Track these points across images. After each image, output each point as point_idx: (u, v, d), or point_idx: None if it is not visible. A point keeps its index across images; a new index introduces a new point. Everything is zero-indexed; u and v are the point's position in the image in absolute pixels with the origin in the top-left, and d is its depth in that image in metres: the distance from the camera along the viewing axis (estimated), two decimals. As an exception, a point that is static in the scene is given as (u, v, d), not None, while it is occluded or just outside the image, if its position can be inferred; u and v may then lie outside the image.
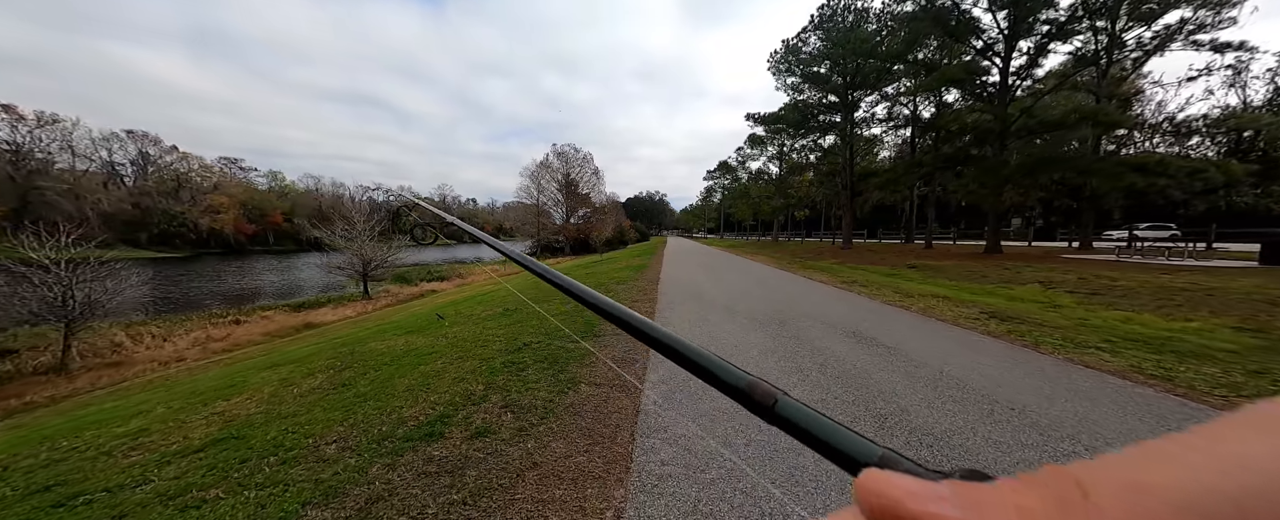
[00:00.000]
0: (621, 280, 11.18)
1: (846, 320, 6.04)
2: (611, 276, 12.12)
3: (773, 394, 0.33)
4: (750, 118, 27.92)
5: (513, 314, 7.08)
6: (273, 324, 13.47)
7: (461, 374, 3.88)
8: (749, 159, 44.65)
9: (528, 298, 9.41)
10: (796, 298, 8.20)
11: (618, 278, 11.75)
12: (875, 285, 10.18)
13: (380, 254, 19.65)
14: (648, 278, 11.50)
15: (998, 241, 17.30)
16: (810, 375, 3.74)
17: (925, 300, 7.85)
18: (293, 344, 9.32)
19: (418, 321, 8.03)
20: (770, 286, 9.88)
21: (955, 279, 12.24)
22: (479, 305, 9.22)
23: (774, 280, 11.22)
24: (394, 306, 16.42)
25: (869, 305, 7.36)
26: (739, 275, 12.30)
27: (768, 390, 0.33)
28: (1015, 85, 16.51)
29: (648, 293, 8.64)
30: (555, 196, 54.74)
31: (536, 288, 12.19)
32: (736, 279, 11.24)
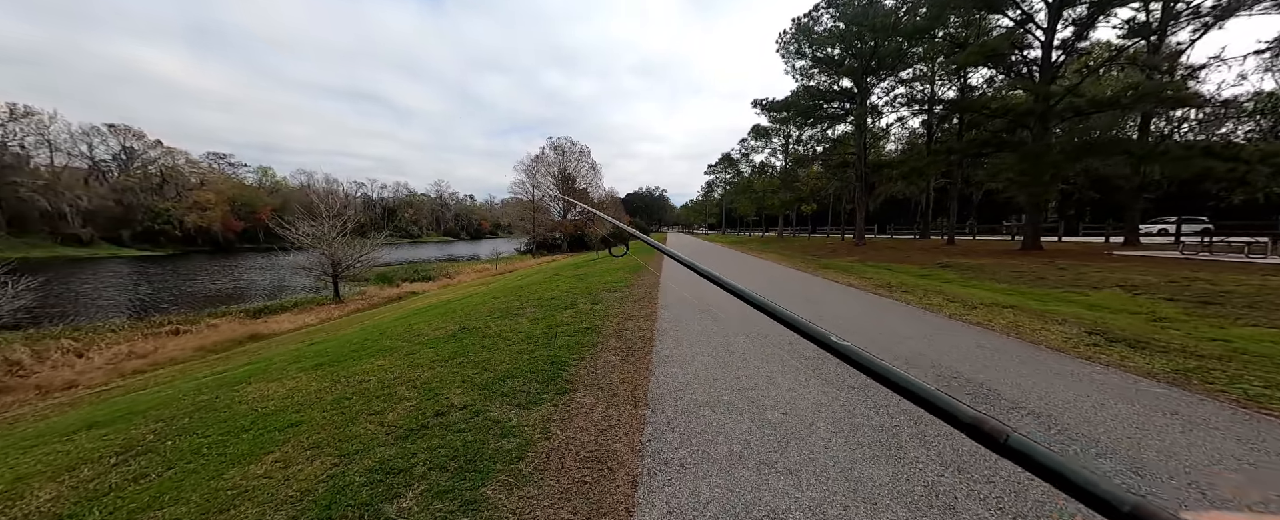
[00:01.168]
0: (616, 284, 9.42)
1: (923, 348, 4.28)
2: (604, 280, 10.36)
3: (1003, 430, 0.35)
4: (757, 104, 26.08)
5: (465, 337, 5.31)
6: (216, 334, 11.73)
7: (283, 490, 2.10)
8: (753, 151, 42.75)
9: (504, 306, 7.68)
10: (832, 308, 6.44)
11: (611, 281, 9.99)
12: (919, 290, 8.41)
13: (352, 253, 17.86)
14: (645, 282, 9.73)
15: (1037, 237, 15.50)
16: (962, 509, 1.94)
17: (996, 313, 6.10)
18: (183, 372, 7.54)
19: (360, 340, 6.28)
20: (792, 292, 8.13)
21: (1008, 282, 10.46)
22: (437, 319, 7.47)
23: (794, 284, 9.46)
24: (361, 312, 14.68)
25: (931, 321, 5.59)
26: (752, 277, 10.54)
27: (996, 427, 0.36)
28: (1060, 61, 14.65)
29: (645, 304, 6.87)
30: (551, 192, 52.88)
31: (517, 294, 10.45)
32: (751, 282, 9.48)
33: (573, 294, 8.32)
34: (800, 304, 6.98)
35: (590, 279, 11.23)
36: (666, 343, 4.56)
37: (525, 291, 10.01)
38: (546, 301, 7.68)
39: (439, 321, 7.05)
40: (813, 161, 31.00)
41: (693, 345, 4.46)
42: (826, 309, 6.55)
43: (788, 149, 39.55)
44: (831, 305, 6.89)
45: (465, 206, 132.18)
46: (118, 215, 53.26)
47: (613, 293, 8.15)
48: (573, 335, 4.91)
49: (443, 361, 4.27)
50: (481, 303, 8.95)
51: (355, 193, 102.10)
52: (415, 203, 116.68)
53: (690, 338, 4.76)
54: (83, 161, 55.35)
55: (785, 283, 9.67)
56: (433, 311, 9.05)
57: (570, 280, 11.45)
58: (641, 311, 6.23)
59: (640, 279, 10.37)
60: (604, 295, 7.84)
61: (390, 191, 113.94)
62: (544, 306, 7.13)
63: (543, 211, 51.78)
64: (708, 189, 75.07)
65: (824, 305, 6.89)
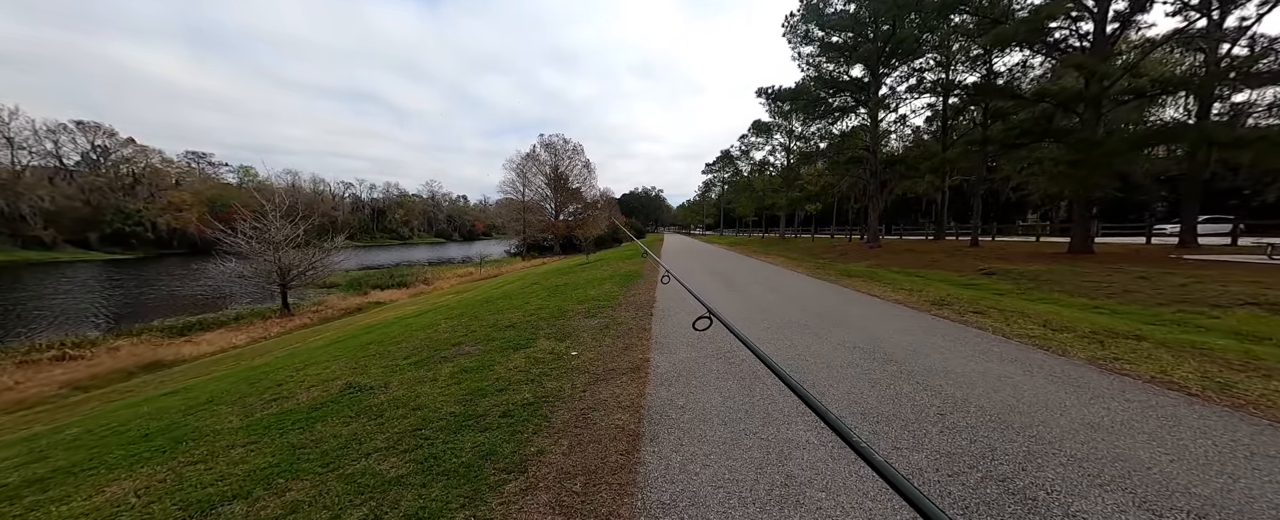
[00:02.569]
0: (598, 303, 7.33)
1: (1136, 449, 2.19)
2: (584, 295, 8.25)
3: None
4: (762, 94, 24.09)
5: (326, 415, 3.18)
6: (111, 362, 9.52)
7: None
8: (753, 148, 40.75)
9: (441, 339, 5.57)
10: (898, 340, 4.38)
11: (593, 298, 7.88)
12: (992, 311, 6.37)
13: (304, 260, 15.65)
14: (637, 298, 7.63)
15: (1088, 238, 13.53)
16: None
17: (1132, 350, 4.11)
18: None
19: (182, 407, 4.17)
20: (825, 312, 6.04)
21: (1086, 295, 8.45)
22: (342, 359, 5.34)
23: (824, 300, 7.38)
24: (300, 331, 12.49)
25: (1057, 370, 3.52)
26: (770, 292, 8.45)
27: None
28: (1114, 34, 12.69)
29: (633, 342, 4.78)
30: (543, 191, 50.69)
31: (473, 315, 8.34)
32: (774, 301, 7.37)
33: (539, 318, 6.21)
34: (846, 332, 4.93)
35: (570, 292, 9.12)
36: (663, 449, 2.46)
37: (486, 310, 7.89)
38: (500, 332, 5.56)
39: (338, 365, 4.93)
40: (818, 158, 29.02)
41: (713, 454, 2.36)
42: (892, 342, 4.49)
43: (790, 146, 37.57)
44: (891, 334, 4.83)
45: (458, 207, 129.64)
46: (85, 217, 50.59)
47: (591, 318, 6.04)
48: (502, 420, 2.81)
49: (318, 430, 2.16)
50: (422, 328, 6.82)
51: (343, 193, 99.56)
52: (406, 203, 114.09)
53: (707, 427, 2.66)
54: (49, 160, 52.65)
55: (812, 298, 7.60)
56: (352, 342, 6.90)
57: (546, 294, 9.34)
58: (626, 360, 4.11)
59: (631, 292, 8.28)
60: (578, 323, 5.73)
61: (380, 192, 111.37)
62: (492, 342, 5.03)
63: (534, 212, 49.57)
64: (705, 189, 73.06)
65: (879, 334, 4.83)
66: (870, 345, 4.53)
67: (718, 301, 7.41)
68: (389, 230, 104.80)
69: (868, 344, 4.58)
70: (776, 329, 5.33)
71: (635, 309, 6.62)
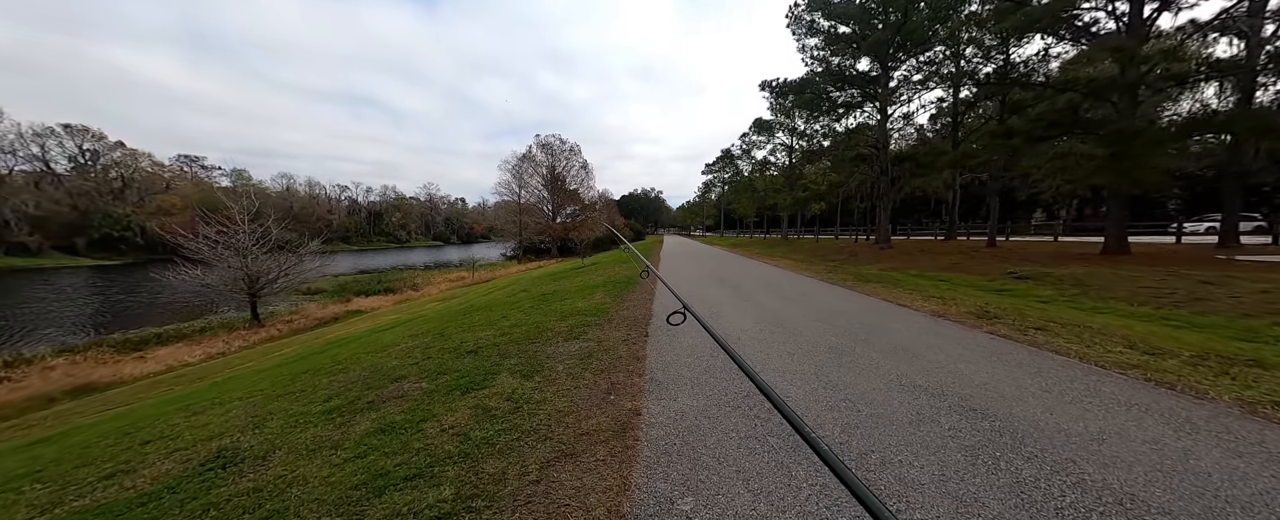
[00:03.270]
0: (590, 316, 6.26)
1: None
2: (571, 309, 7.16)
3: None
4: (766, 86, 22.99)
5: None
6: (40, 383, 8.43)
7: None
8: (755, 146, 39.65)
9: (388, 367, 4.46)
10: (958, 382, 3.26)
11: (581, 312, 6.80)
12: (1055, 327, 5.30)
13: (276, 267, 14.56)
14: (633, 311, 6.55)
15: (1123, 237, 12.45)
16: None
17: (1267, 380, 3.01)
18: None
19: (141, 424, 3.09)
20: (849, 325, 4.93)
21: (1146, 303, 7.36)
22: (241, 402, 4.25)
23: (849, 313, 6.25)
24: (269, 344, 11.39)
25: (1211, 422, 2.41)
26: (786, 302, 7.34)
27: None
28: (1154, 16, 11.63)
29: (622, 380, 3.68)
30: (539, 193, 49.64)
31: (440, 332, 7.24)
32: (793, 315, 6.25)
33: (510, 340, 5.11)
34: (895, 361, 3.86)
35: (556, 303, 8.02)
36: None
37: (456, 326, 6.81)
38: (458, 360, 4.47)
39: (239, 410, 3.83)
40: (823, 156, 27.94)
41: None
42: (959, 376, 3.39)
43: (793, 145, 36.52)
44: (951, 362, 3.73)
45: (456, 210, 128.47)
46: (72, 221, 49.54)
47: (573, 340, 4.94)
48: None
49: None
50: (375, 350, 5.72)
51: (339, 196, 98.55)
52: (403, 206, 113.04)
53: None
54: (36, 164, 51.63)
55: (835, 310, 6.50)
56: (287, 370, 5.78)
57: (530, 305, 8.25)
58: (608, 414, 3.00)
59: (625, 304, 7.18)
60: (556, 348, 4.63)
61: (377, 195, 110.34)
62: (442, 377, 3.93)
63: (530, 214, 48.51)
64: (705, 189, 71.95)
65: (936, 362, 3.73)
66: (934, 383, 3.42)
67: (727, 316, 6.31)
68: (386, 233, 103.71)
69: (930, 381, 3.47)
70: (804, 354, 4.22)
71: (628, 327, 5.52)
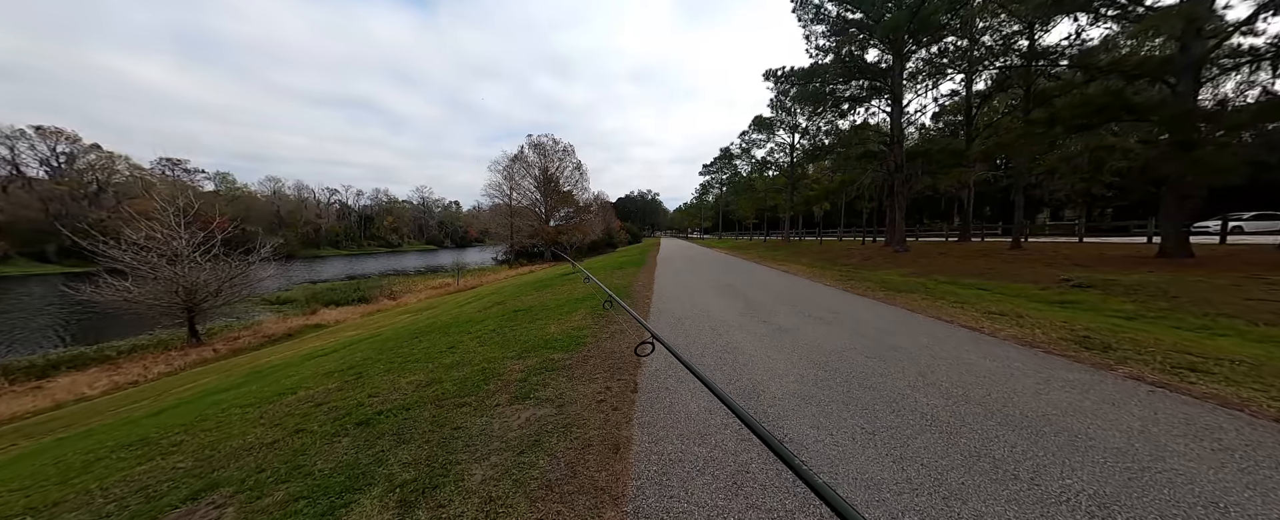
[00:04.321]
0: (560, 350, 4.64)
1: None
2: (548, 333, 5.51)
3: None
4: (770, 76, 21.44)
5: None
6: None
7: None
8: (755, 145, 38.16)
9: (293, 415, 2.81)
10: (1169, 489, 1.61)
11: (557, 341, 5.16)
12: (1207, 365, 3.69)
13: (215, 278, 12.84)
14: (616, 342, 4.89)
15: (1186, 239, 10.92)
16: None
17: None
18: None
19: None
20: (932, 374, 3.25)
21: (1267, 320, 5.77)
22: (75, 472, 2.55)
23: (898, 337, 4.50)
24: (198, 368, 9.65)
25: None
26: (812, 322, 5.68)
27: None
28: (1220, -16, 10.13)
29: (598, 474, 2.00)
30: (532, 195, 47.95)
31: (407, 347, 5.53)
32: (828, 339, 4.58)
33: (429, 401, 3.45)
34: (1018, 437, 2.27)
35: (523, 326, 6.36)
36: None
37: (387, 360, 5.16)
38: (333, 445, 2.82)
39: None
40: (827, 154, 26.43)
41: None
42: (1151, 477, 1.79)
43: (795, 143, 35.04)
44: (1126, 441, 2.11)
45: (451, 213, 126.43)
46: (44, 227, 47.44)
47: (525, 403, 3.28)
48: None
49: None
50: (255, 403, 4.05)
51: (328, 200, 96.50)
52: (395, 210, 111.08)
53: None
54: (6, 168, 49.55)
55: (883, 332, 4.89)
56: (140, 427, 4.10)
57: (491, 329, 6.59)
58: None
59: (608, 330, 5.53)
60: (494, 422, 2.97)
61: (369, 199, 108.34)
62: (279, 490, 2.29)
63: (522, 217, 46.79)
64: (702, 191, 70.42)
65: (1099, 441, 2.12)
66: (1128, 495, 1.79)
67: (747, 350, 4.67)
68: (377, 238, 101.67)
69: (1114, 487, 1.84)
70: (895, 435, 2.57)
71: (609, 373, 3.86)
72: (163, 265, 11.90)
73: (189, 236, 12.80)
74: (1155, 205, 31.01)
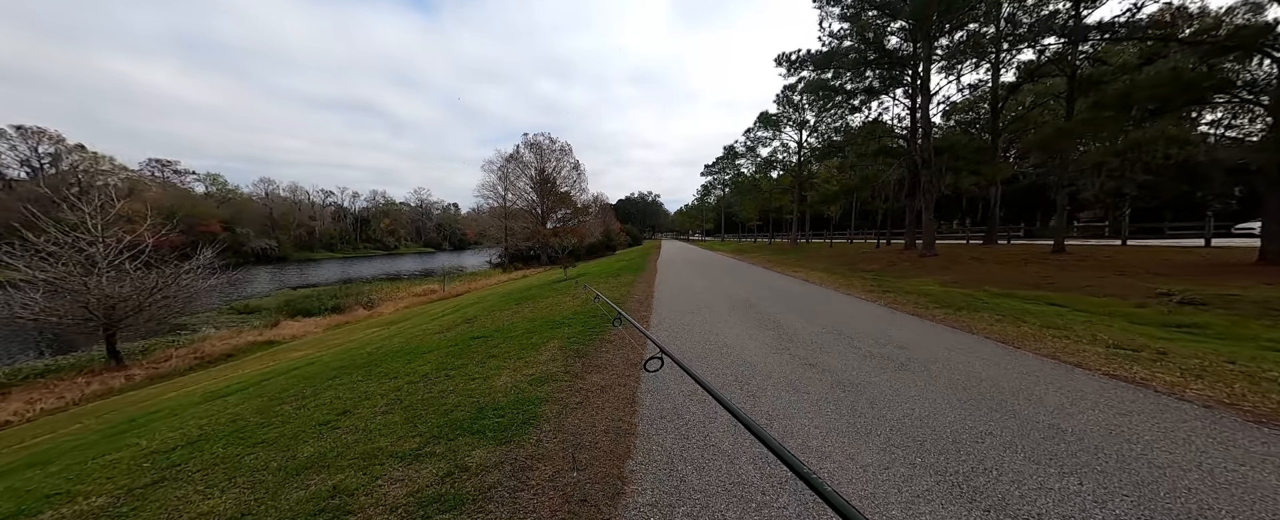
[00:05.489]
0: (506, 415, 2.77)
1: None
2: (490, 393, 3.68)
3: None
4: (783, 61, 19.61)
5: None
6: None
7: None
8: (760, 143, 36.34)
9: None
10: None
11: (502, 407, 3.31)
12: None
13: (136, 293, 11.06)
14: (595, 414, 3.06)
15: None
16: None
17: None
18: None
19: None
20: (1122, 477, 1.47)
21: None
22: None
23: (1017, 393, 2.69)
24: (99, 402, 7.82)
25: None
26: (875, 368, 3.83)
27: None
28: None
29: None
30: (527, 196, 46.17)
31: (347, 376, 3.72)
32: (950, 421, 2.75)
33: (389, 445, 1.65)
34: None
35: (477, 366, 4.53)
36: None
37: (273, 420, 3.35)
38: None
39: None
40: (841, 150, 24.62)
41: None
42: None
43: (802, 141, 33.23)
44: None
45: (449, 215, 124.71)
46: (22, 230, 45.73)
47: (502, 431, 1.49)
48: None
49: None
50: (126, 466, 2.25)
51: (323, 202, 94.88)
52: (392, 212, 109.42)
53: None
54: (-15, 169, 47.94)
55: (988, 387, 3.08)
56: None
57: (432, 366, 4.77)
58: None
59: (588, 377, 3.72)
60: None
61: (366, 201, 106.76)
62: None
63: (517, 219, 45.02)
64: (704, 192, 68.55)
65: None
66: None
67: (802, 417, 2.84)
68: (373, 240, 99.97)
69: None
70: None
71: (564, 503, 2.05)
72: (74, 275, 10.13)
73: (112, 241, 11.02)
74: (1184, 205, 29.00)
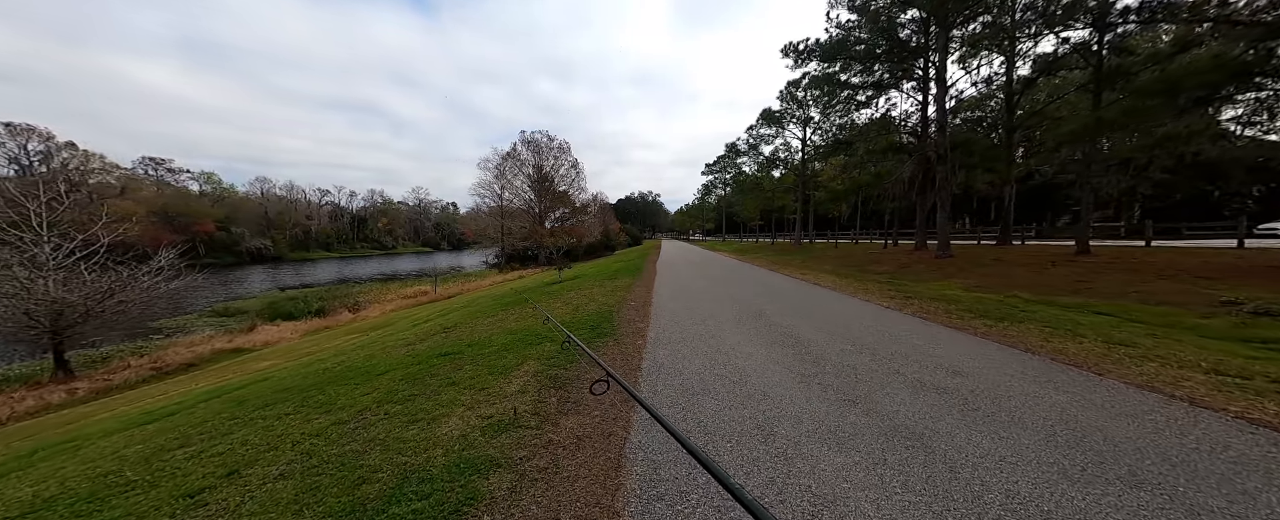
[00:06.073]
0: (439, 489, 1.85)
1: None
2: (429, 442, 2.76)
3: None
4: (789, 51, 18.64)
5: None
6: None
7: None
8: (763, 141, 35.41)
9: None
10: None
11: (428, 468, 2.39)
12: None
13: (88, 296, 10.15)
14: (566, 493, 2.16)
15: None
16: None
17: None
18: None
19: None
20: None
21: None
22: None
23: (1137, 451, 1.76)
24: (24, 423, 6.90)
25: None
26: (963, 422, 2.92)
27: None
28: None
29: None
30: (525, 194, 45.28)
31: (287, 401, 2.91)
32: (1075, 504, 1.82)
33: None
34: None
35: (431, 398, 3.63)
36: None
37: (245, 428, 2.45)
38: None
39: None
40: (847, 146, 23.71)
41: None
42: None
43: (805, 138, 32.33)
44: None
45: (448, 215, 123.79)
46: (10, 229, 44.86)
47: None
48: None
49: None
50: None
51: (319, 201, 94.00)
52: (390, 212, 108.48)
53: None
54: (-27, 167, 47.09)
55: (1076, 424, 2.20)
56: None
57: (382, 393, 3.86)
58: None
59: (575, 395, 2.84)
60: None
61: (364, 200, 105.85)
62: None
63: (514, 218, 44.13)
64: (705, 191, 67.62)
65: None
66: None
67: (856, 495, 1.94)
68: (371, 240, 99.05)
69: None
70: None
71: None
72: (17, 278, 9.24)
73: (59, 241, 10.15)
74: (1198, 205, 27.99)
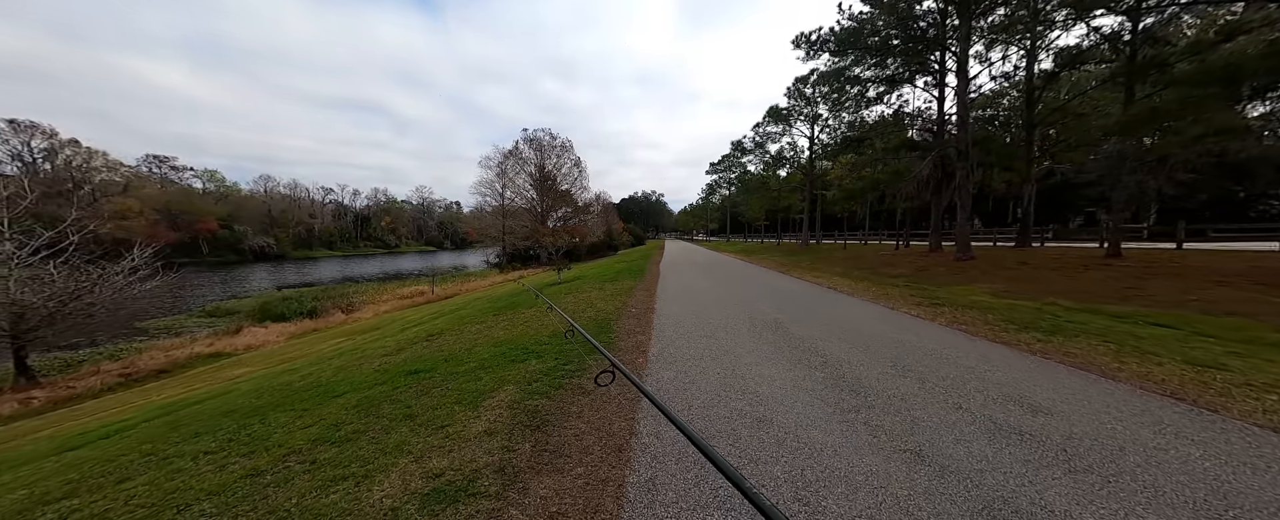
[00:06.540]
0: None
1: None
2: (351, 498, 2.00)
3: None
4: (800, 42, 17.79)
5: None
6: None
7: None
8: (769, 139, 34.53)
9: None
10: None
11: None
12: None
13: (49, 298, 9.51)
14: None
15: None
16: None
17: None
18: None
19: None
20: None
21: None
22: None
23: None
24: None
25: None
26: (1091, 496, 2.18)
27: None
28: None
29: None
30: (526, 193, 44.62)
31: (236, 420, 2.23)
32: None
33: None
34: None
35: (379, 437, 2.92)
36: None
37: (157, 468, 1.72)
38: None
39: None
40: (859, 144, 22.85)
41: None
42: None
43: (813, 136, 31.46)
44: None
45: (451, 214, 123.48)
46: (11, 227, 44.70)
47: None
48: None
49: None
50: None
51: (323, 199, 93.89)
52: (393, 210, 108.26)
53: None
54: (-24, 164, 47.01)
55: None
56: None
57: (328, 426, 3.14)
58: None
59: (555, 441, 2.10)
60: None
61: (367, 199, 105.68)
62: None
63: (516, 217, 43.49)
64: (709, 191, 66.74)
65: None
66: None
67: None
68: (374, 239, 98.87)
69: None
70: None
71: None
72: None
73: (22, 239, 9.53)
74: (1221, 205, 26.82)
